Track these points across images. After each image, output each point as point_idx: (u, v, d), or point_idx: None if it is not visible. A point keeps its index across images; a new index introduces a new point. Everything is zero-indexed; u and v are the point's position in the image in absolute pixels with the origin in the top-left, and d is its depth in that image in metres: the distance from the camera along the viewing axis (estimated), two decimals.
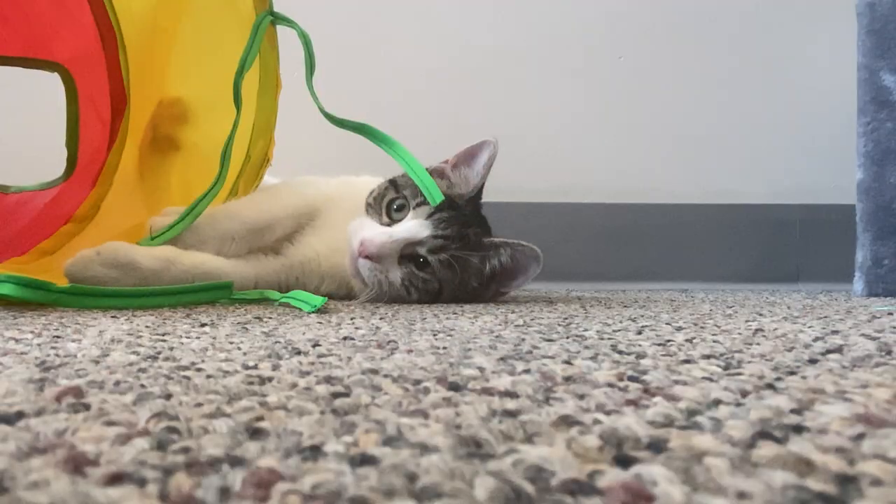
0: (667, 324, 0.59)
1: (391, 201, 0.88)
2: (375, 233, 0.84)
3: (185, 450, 0.20)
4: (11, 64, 1.01)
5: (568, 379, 0.31)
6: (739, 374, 0.33)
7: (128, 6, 0.96)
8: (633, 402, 0.27)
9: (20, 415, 0.24)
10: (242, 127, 0.94)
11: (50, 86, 1.01)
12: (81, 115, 1.03)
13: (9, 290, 0.67)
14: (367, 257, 0.83)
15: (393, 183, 0.90)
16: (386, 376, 0.32)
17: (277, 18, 0.96)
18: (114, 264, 0.77)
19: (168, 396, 0.27)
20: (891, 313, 0.72)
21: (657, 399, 0.27)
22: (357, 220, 0.88)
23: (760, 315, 0.69)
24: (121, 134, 1.01)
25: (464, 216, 0.86)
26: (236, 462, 0.19)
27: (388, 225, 0.87)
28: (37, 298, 0.69)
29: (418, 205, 0.86)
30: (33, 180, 1.03)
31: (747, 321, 0.62)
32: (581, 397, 0.27)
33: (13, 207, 1.00)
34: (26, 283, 0.68)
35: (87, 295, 0.71)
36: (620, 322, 0.60)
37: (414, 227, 0.84)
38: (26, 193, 1.03)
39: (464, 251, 0.84)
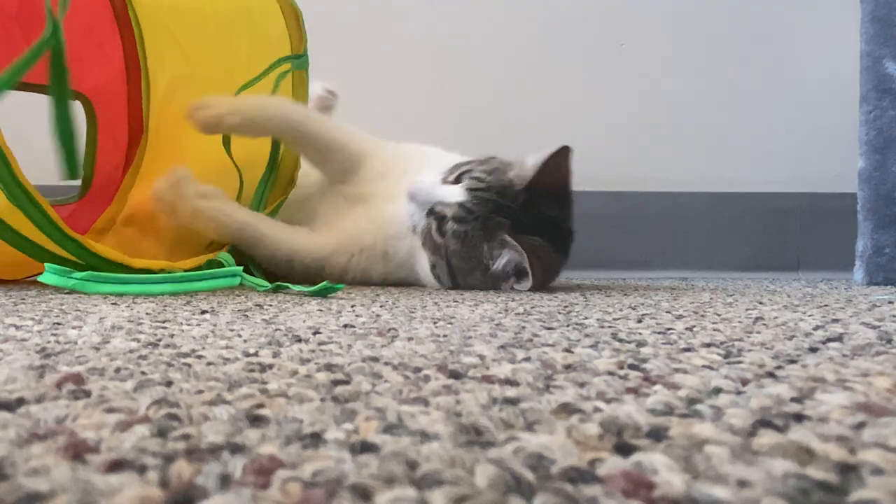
0: (667, 312, 0.59)
1: (466, 171, 0.90)
2: (426, 179, 0.90)
3: (186, 437, 0.20)
4: (36, 91, 1.04)
5: (568, 367, 0.31)
6: (740, 362, 0.33)
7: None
8: (633, 391, 0.27)
9: (21, 401, 0.24)
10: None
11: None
12: (99, 139, 1.11)
13: (49, 279, 0.70)
14: (407, 194, 0.89)
15: (486, 159, 0.92)
16: (386, 364, 0.32)
17: None
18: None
19: (168, 383, 0.27)
20: (891, 302, 0.72)
21: (657, 387, 0.27)
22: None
23: (761, 303, 0.69)
24: (136, 160, 1.08)
25: (504, 205, 0.85)
26: (237, 449, 0.19)
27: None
28: (59, 284, 0.71)
29: (473, 178, 0.88)
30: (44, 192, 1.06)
31: (747, 309, 0.62)
32: (581, 385, 0.27)
33: None
34: (56, 272, 0.70)
35: (100, 282, 0.72)
36: (621, 310, 0.60)
37: (452, 191, 0.87)
38: None
39: (476, 232, 0.85)
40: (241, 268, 0.81)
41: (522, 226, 0.86)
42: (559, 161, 0.88)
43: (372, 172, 0.99)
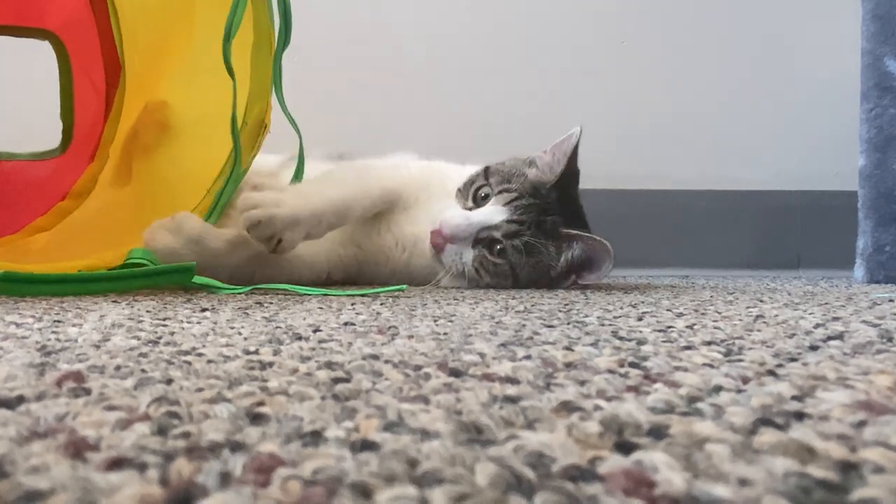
0: (667, 310, 0.59)
1: (479, 188, 0.90)
2: (454, 215, 0.88)
3: (186, 435, 0.20)
4: (1, 33, 0.96)
5: (569, 365, 0.31)
6: (740, 360, 0.33)
7: None
8: (633, 389, 0.27)
9: (21, 399, 0.24)
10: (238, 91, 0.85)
11: (45, 53, 0.99)
12: (76, 85, 1.00)
13: None
14: (443, 238, 0.87)
15: (486, 170, 0.92)
16: (387, 362, 0.32)
17: None
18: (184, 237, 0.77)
19: (169, 381, 0.27)
20: (891, 300, 0.72)
21: (658, 385, 0.27)
22: (444, 203, 0.91)
23: (761, 301, 0.69)
24: (116, 105, 0.98)
25: (545, 204, 0.87)
26: (237, 447, 0.19)
27: (471, 210, 0.89)
28: None
29: (500, 192, 0.88)
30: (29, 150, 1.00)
31: (748, 307, 0.62)
32: (582, 383, 0.27)
33: (3, 177, 0.97)
34: None
35: (25, 282, 0.66)
36: (621, 308, 0.60)
37: (490, 212, 0.87)
38: (17, 164, 0.99)
39: (538, 238, 0.86)
40: (194, 263, 0.74)
41: (568, 219, 0.88)
42: (576, 145, 0.90)
43: (399, 203, 0.95)
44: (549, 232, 0.86)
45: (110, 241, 0.81)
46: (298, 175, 0.91)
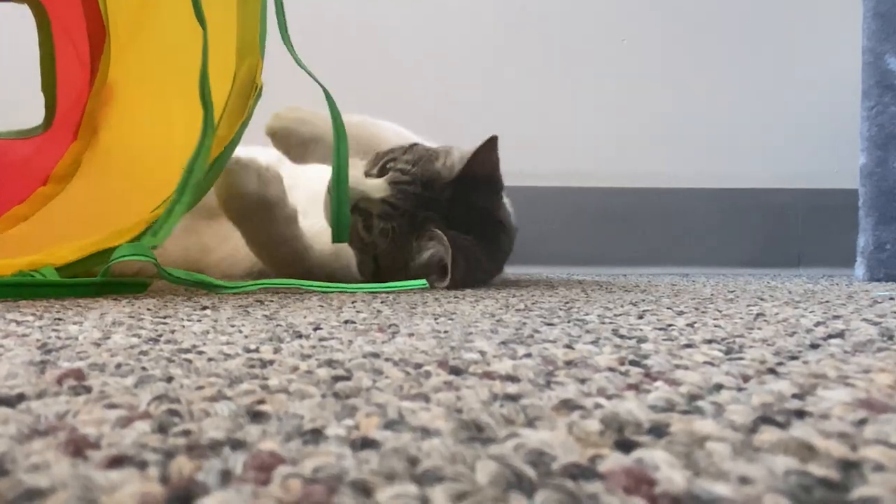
0: (668, 308, 0.59)
1: (389, 160, 0.86)
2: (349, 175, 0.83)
3: (187, 433, 0.20)
4: None
5: (569, 363, 0.31)
6: (741, 358, 0.33)
7: None
8: (634, 387, 0.27)
9: (21, 397, 0.24)
10: (226, 49, 0.74)
11: (26, 20, 0.90)
12: (58, 54, 0.91)
13: None
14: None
15: (410, 147, 0.87)
16: (387, 360, 0.32)
17: None
18: None
19: (169, 379, 0.27)
20: (892, 298, 0.72)
21: (658, 383, 0.27)
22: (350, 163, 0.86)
23: (762, 300, 0.69)
24: (101, 76, 0.89)
25: (430, 199, 0.83)
26: (237, 445, 0.19)
27: (370, 177, 0.85)
28: None
29: (397, 170, 0.84)
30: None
31: (749, 306, 0.62)
32: (582, 381, 0.27)
33: None
34: None
35: None
36: (622, 306, 0.60)
37: (375, 185, 0.83)
38: (1, 146, 0.91)
39: (404, 228, 0.82)
40: (148, 281, 0.71)
41: (452, 220, 0.83)
42: (488, 151, 0.84)
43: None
44: (418, 226, 0.82)
45: (85, 230, 0.75)
46: (340, 135, 0.81)
